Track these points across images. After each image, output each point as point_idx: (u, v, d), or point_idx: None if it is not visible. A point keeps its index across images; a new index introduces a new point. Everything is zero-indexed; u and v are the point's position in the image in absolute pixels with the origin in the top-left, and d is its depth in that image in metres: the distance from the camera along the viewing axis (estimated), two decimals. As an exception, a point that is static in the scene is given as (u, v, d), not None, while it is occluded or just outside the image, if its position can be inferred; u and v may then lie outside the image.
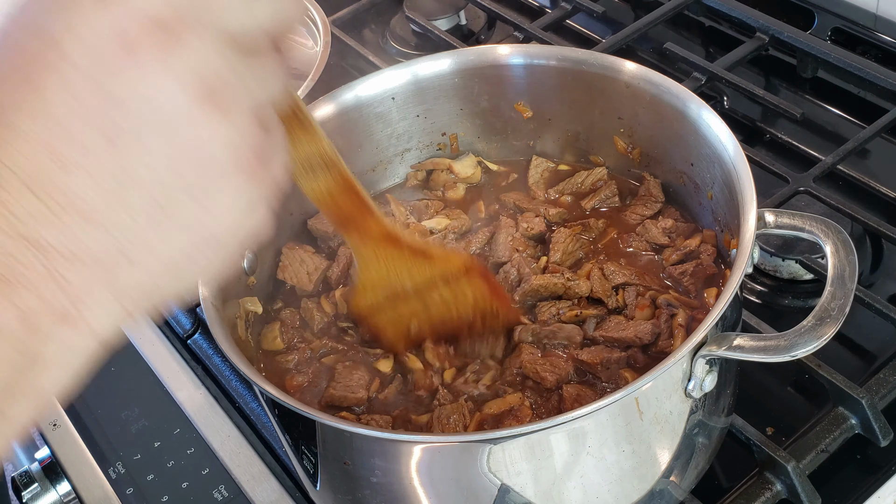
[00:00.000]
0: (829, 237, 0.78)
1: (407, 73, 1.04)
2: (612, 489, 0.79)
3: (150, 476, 1.01)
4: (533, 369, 0.86)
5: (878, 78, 1.26)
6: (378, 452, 0.77)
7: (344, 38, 1.48)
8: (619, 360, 0.86)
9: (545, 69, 1.02)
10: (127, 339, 1.16)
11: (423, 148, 1.09)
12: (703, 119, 0.91)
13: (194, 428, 1.05)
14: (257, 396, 1.04)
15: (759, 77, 1.39)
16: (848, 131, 1.26)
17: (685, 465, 0.84)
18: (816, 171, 1.15)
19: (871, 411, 0.92)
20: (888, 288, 1.10)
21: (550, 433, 0.73)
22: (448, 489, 0.78)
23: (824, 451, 0.93)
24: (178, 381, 1.11)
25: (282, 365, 0.93)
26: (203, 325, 1.14)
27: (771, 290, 1.11)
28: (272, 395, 0.76)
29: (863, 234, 1.13)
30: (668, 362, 0.72)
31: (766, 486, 0.91)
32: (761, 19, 1.36)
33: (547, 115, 1.06)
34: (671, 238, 0.97)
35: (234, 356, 0.79)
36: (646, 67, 0.97)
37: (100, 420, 1.08)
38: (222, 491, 0.99)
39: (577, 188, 1.05)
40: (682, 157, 0.97)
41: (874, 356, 1.03)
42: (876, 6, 1.39)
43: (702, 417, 0.81)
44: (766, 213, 0.81)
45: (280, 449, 1.02)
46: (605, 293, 0.92)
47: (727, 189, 0.87)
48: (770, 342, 0.74)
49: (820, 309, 0.74)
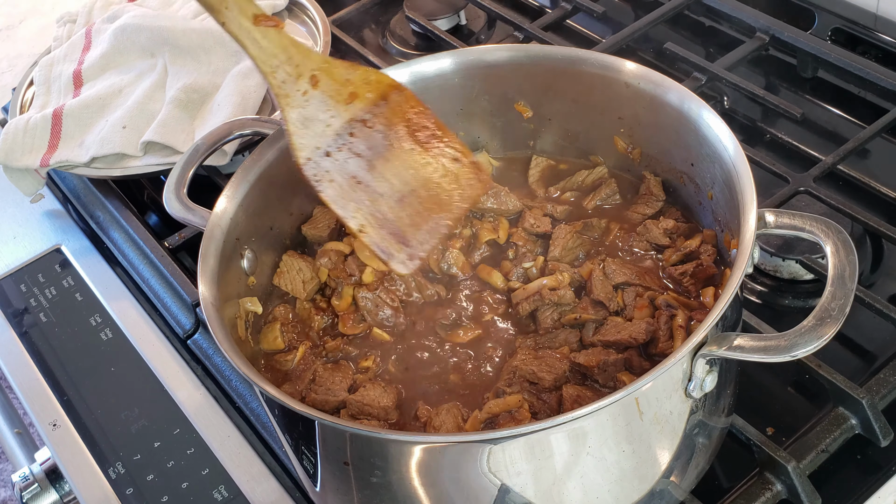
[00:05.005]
0: (829, 237, 0.78)
1: (407, 73, 1.04)
2: (612, 489, 0.79)
3: (150, 476, 1.01)
4: (529, 370, 0.86)
5: (878, 78, 1.26)
6: (378, 452, 0.77)
7: (344, 38, 1.48)
8: (616, 363, 0.85)
9: (545, 69, 1.02)
10: (127, 338, 1.16)
11: (423, 148, 1.09)
12: (704, 119, 0.91)
13: (194, 428, 1.05)
14: (257, 396, 1.04)
15: (759, 77, 1.39)
16: (848, 131, 1.26)
17: (685, 466, 0.84)
18: (816, 171, 1.15)
19: (871, 411, 0.92)
20: (888, 288, 1.10)
21: (550, 433, 0.73)
22: (448, 489, 0.78)
23: (824, 451, 0.93)
24: (178, 381, 1.11)
25: (282, 365, 0.93)
26: (203, 325, 1.14)
27: (771, 290, 1.11)
28: (272, 395, 0.76)
29: (863, 234, 1.13)
30: (668, 362, 0.72)
31: (767, 486, 0.91)
32: (761, 19, 1.36)
33: (547, 115, 1.06)
34: (672, 239, 0.97)
35: (234, 356, 0.79)
36: (646, 67, 0.97)
37: (100, 420, 1.08)
38: (222, 491, 0.99)
39: (578, 186, 1.05)
40: (682, 157, 0.97)
41: (874, 356, 1.03)
42: (876, 6, 1.39)
43: (702, 417, 0.81)
44: (766, 213, 0.81)
45: (280, 449, 1.02)
46: (607, 295, 0.92)
47: (727, 189, 0.87)
48: (770, 342, 0.74)
49: (820, 309, 0.74)
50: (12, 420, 1.28)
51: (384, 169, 0.86)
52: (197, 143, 1.01)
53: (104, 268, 1.26)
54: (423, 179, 0.87)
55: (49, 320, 1.20)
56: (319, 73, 0.83)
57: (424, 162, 0.87)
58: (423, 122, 0.87)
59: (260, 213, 0.96)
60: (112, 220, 1.29)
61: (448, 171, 0.88)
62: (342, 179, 0.84)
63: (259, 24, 0.79)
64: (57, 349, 1.17)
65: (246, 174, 0.95)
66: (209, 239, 0.90)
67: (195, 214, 0.94)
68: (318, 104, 0.83)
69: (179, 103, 1.30)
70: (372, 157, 0.85)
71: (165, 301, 1.18)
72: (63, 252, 1.30)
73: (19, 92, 1.46)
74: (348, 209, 0.84)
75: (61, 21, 1.57)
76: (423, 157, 0.87)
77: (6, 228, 1.36)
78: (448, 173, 0.88)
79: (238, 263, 0.94)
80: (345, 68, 0.84)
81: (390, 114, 0.86)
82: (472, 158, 0.89)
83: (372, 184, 0.85)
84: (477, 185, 0.89)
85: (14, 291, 1.26)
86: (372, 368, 0.92)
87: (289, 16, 1.49)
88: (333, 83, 0.84)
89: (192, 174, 0.98)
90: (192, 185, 0.98)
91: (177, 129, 1.28)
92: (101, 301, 1.21)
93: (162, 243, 1.23)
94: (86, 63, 1.43)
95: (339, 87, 0.84)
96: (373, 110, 0.85)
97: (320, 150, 0.83)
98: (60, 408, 1.10)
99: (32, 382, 1.14)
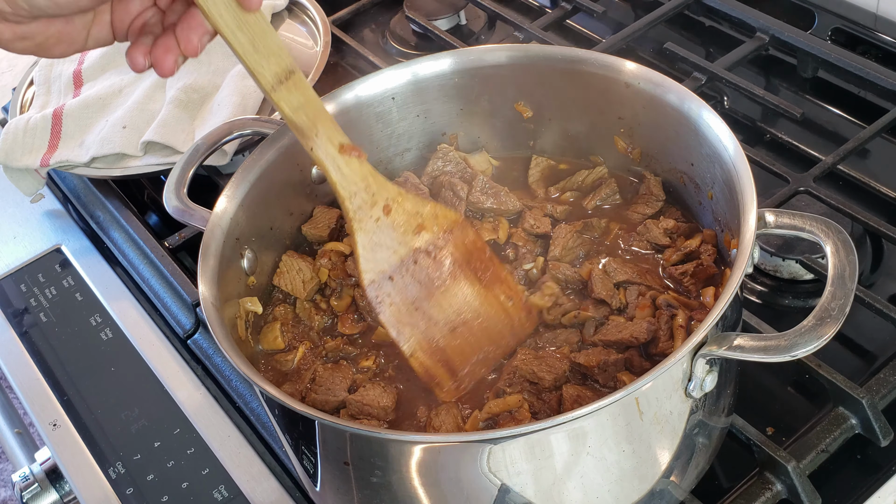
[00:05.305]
0: (829, 237, 0.78)
1: (407, 73, 1.04)
2: (612, 489, 0.79)
3: (150, 476, 1.01)
4: (529, 370, 0.86)
5: (878, 78, 1.26)
6: (378, 452, 0.77)
7: (344, 38, 1.49)
8: (616, 363, 0.85)
9: (545, 69, 1.02)
10: (127, 338, 1.16)
11: (422, 148, 1.09)
12: (704, 119, 0.91)
13: (194, 428, 1.05)
14: (257, 396, 1.04)
15: (759, 77, 1.39)
16: (848, 131, 1.26)
17: (685, 465, 0.84)
18: (816, 171, 1.15)
19: (871, 411, 0.92)
20: (888, 288, 1.10)
21: (551, 433, 0.73)
22: (448, 489, 0.78)
23: (824, 451, 0.93)
24: (178, 381, 1.11)
25: (282, 365, 0.93)
26: (203, 325, 1.14)
27: (771, 290, 1.11)
28: (272, 395, 0.76)
29: (863, 234, 1.13)
30: (668, 362, 0.72)
31: (767, 486, 0.91)
32: (761, 19, 1.36)
33: (547, 115, 1.06)
34: (672, 238, 0.97)
35: (234, 356, 0.79)
36: (646, 67, 0.97)
37: (100, 420, 1.08)
38: (222, 491, 0.99)
39: (578, 186, 1.05)
40: (682, 157, 0.97)
41: (874, 356, 1.03)
42: (876, 6, 1.39)
43: (702, 417, 0.81)
44: (766, 213, 0.81)
45: (280, 449, 1.02)
46: (609, 293, 0.92)
47: (727, 189, 0.87)
48: (770, 342, 0.74)
49: (820, 309, 0.74)
50: (12, 420, 1.28)
51: (442, 298, 0.90)
52: (197, 143, 1.01)
53: (104, 268, 1.26)
54: (477, 313, 0.91)
55: (49, 320, 1.20)
56: (392, 203, 0.88)
57: (481, 296, 0.91)
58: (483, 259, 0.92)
59: (260, 213, 0.96)
60: (112, 220, 1.29)
61: (502, 307, 0.92)
62: (401, 303, 0.88)
63: (344, 153, 0.84)
64: (57, 349, 1.17)
65: (246, 174, 0.95)
66: (209, 239, 0.90)
67: (195, 214, 0.94)
68: (387, 231, 0.88)
69: (179, 103, 1.30)
70: (431, 286, 0.90)
71: (165, 301, 1.18)
72: (63, 252, 1.30)
73: (19, 92, 1.46)
74: (404, 333, 0.88)
75: (61, 21, 1.56)
76: (481, 291, 0.92)
77: (6, 228, 1.36)
78: (501, 310, 0.92)
79: (238, 263, 0.94)
80: (416, 202, 0.89)
81: (454, 248, 0.91)
82: (525, 299, 0.94)
83: (429, 311, 0.89)
84: (527, 325, 0.93)
85: (14, 291, 1.26)
86: (371, 368, 0.92)
87: (289, 16, 1.49)
88: (404, 214, 0.88)
89: (192, 174, 0.98)
90: (192, 185, 0.98)
91: (177, 129, 1.28)
92: (101, 301, 1.21)
93: (162, 243, 1.23)
94: (86, 63, 1.43)
95: (408, 219, 0.88)
96: (437, 242, 0.90)
97: (385, 274, 0.88)
98: (60, 408, 1.10)
99: (32, 382, 1.14)
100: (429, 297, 0.89)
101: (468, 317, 0.91)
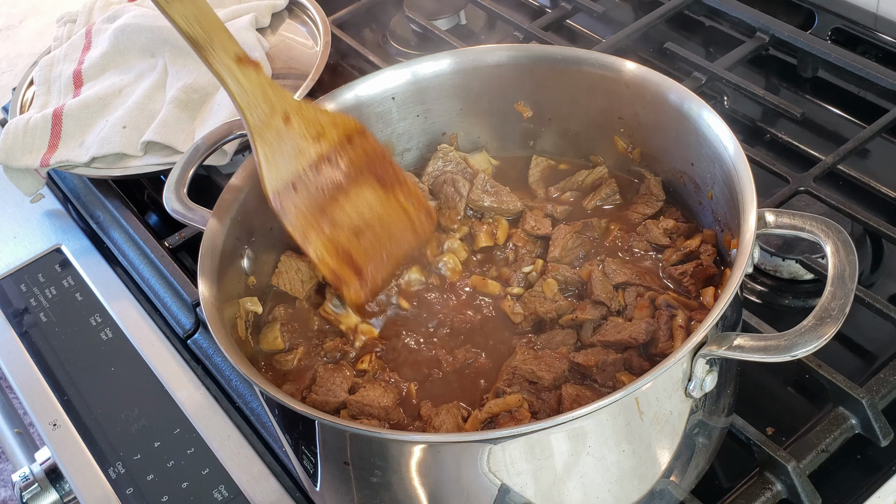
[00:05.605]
0: (829, 237, 0.78)
1: (407, 73, 1.04)
2: (612, 489, 0.79)
3: (150, 476, 1.01)
4: (528, 369, 0.86)
5: (878, 78, 1.26)
6: (378, 452, 0.77)
7: (344, 38, 1.48)
8: (615, 363, 0.85)
9: (545, 69, 1.02)
10: (127, 338, 1.16)
11: (423, 148, 1.09)
12: (704, 119, 0.91)
13: (194, 428, 1.05)
14: (257, 396, 1.04)
15: (759, 77, 1.39)
16: (848, 131, 1.26)
17: (685, 465, 0.84)
18: (816, 171, 1.15)
19: (871, 411, 0.92)
20: (888, 288, 1.10)
21: (550, 433, 0.73)
22: (448, 489, 0.78)
23: (824, 451, 0.93)
24: (178, 381, 1.11)
25: (282, 365, 0.93)
26: (203, 325, 1.14)
27: (771, 290, 1.11)
28: (272, 395, 0.76)
29: (863, 234, 1.13)
30: (668, 362, 0.72)
31: (767, 486, 0.91)
32: (761, 19, 1.36)
33: (547, 115, 1.06)
34: (672, 239, 0.97)
35: (234, 356, 0.79)
36: (646, 67, 0.97)
37: (100, 420, 1.08)
38: (222, 491, 0.99)
39: (578, 186, 1.05)
40: (682, 157, 0.97)
41: (874, 356, 1.03)
42: (876, 6, 1.39)
43: (702, 417, 0.81)
44: (766, 213, 0.81)
45: (280, 449, 1.02)
46: (608, 295, 0.92)
47: (727, 189, 0.87)
48: (770, 342, 0.74)
49: (820, 309, 0.74)
50: (12, 420, 1.28)
51: (345, 202, 0.93)
52: (197, 142, 1.01)
53: (104, 268, 1.26)
54: (379, 215, 0.95)
55: (49, 320, 1.20)
56: (291, 111, 0.90)
57: (382, 199, 0.95)
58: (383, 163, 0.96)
59: (260, 213, 0.96)
60: (112, 220, 1.29)
61: (403, 208, 0.96)
62: (306, 209, 0.91)
63: (241, 64, 0.86)
64: (57, 349, 1.17)
65: (246, 174, 0.95)
66: (209, 239, 0.90)
67: (195, 214, 0.94)
68: (288, 140, 0.90)
69: (179, 103, 1.30)
70: (334, 192, 0.93)
71: (165, 301, 1.18)
72: (63, 252, 1.30)
73: (19, 92, 1.46)
74: (310, 238, 0.91)
75: (61, 21, 1.57)
76: (382, 194, 0.95)
77: (6, 228, 1.37)
78: (402, 211, 0.96)
79: (238, 263, 0.94)
80: (314, 110, 0.92)
81: (353, 154, 0.94)
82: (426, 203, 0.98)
83: (333, 215, 0.92)
84: (427, 224, 0.97)
85: (14, 291, 1.26)
86: (369, 371, 0.92)
87: (289, 16, 1.49)
88: (303, 122, 0.91)
89: (192, 174, 0.98)
90: (192, 184, 0.98)
91: (177, 129, 1.28)
92: (101, 301, 1.21)
93: (162, 243, 1.23)
94: (86, 63, 1.43)
95: (308, 126, 0.91)
96: (338, 149, 0.93)
97: (287, 183, 0.90)
98: (60, 408, 1.10)
99: (32, 382, 1.14)
100: (332, 201, 0.92)
101: (370, 218, 0.93)
